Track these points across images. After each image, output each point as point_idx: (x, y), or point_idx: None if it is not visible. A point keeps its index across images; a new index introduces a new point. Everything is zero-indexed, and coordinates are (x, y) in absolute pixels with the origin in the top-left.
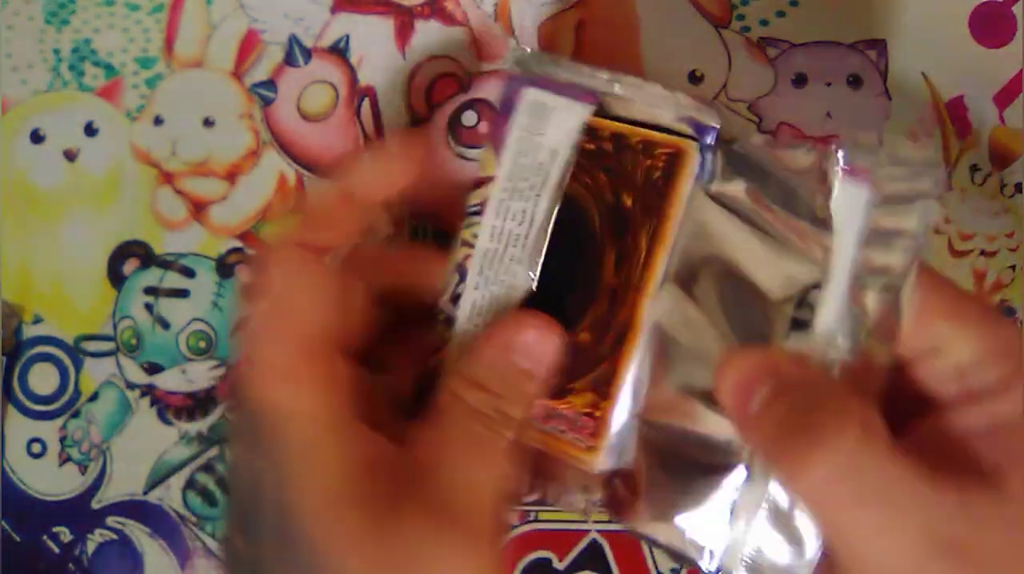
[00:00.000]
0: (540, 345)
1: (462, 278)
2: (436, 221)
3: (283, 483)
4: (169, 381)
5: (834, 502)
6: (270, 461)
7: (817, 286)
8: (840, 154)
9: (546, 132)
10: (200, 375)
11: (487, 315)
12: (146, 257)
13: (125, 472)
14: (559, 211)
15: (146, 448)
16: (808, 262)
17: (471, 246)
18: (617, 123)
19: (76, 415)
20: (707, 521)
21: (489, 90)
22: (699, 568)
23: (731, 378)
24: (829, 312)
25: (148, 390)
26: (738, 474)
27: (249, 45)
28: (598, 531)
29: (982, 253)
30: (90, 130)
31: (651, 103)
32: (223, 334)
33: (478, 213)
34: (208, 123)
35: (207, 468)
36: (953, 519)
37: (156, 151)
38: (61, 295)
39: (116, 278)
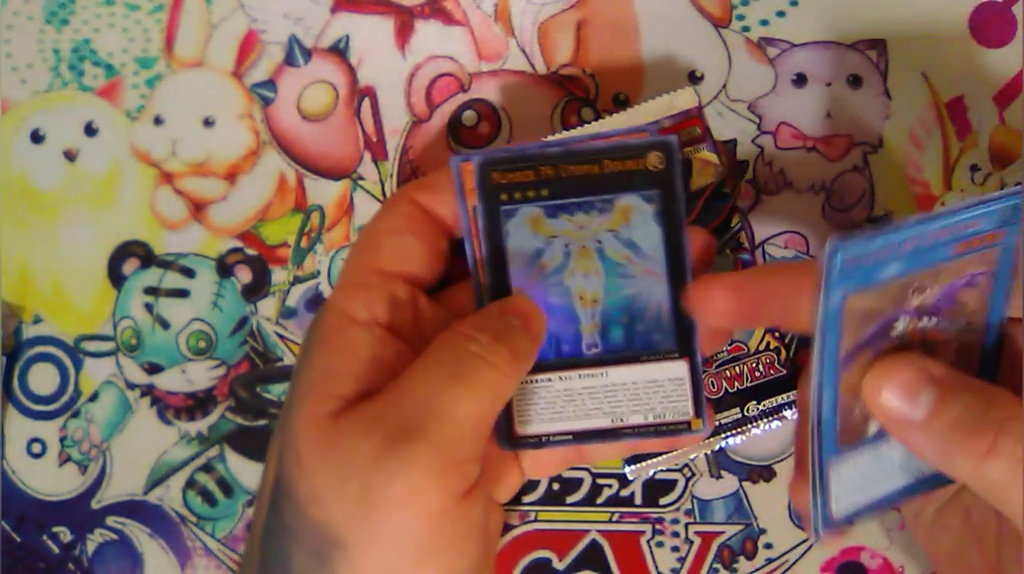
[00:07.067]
0: (529, 307)
1: None
2: None
3: (295, 376)
4: (169, 381)
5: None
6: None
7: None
8: None
9: None
10: (200, 375)
11: None
12: (146, 257)
13: (125, 472)
14: None
15: (146, 448)
16: None
17: None
18: None
19: (76, 415)
20: None
21: (489, 90)
22: None
23: (891, 389)
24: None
25: (148, 390)
26: None
27: (249, 45)
28: (598, 531)
29: None
30: (90, 130)
31: None
32: (223, 334)
33: None
34: (208, 123)
35: (207, 468)
36: None
37: (156, 151)
38: (61, 295)
39: (116, 278)
